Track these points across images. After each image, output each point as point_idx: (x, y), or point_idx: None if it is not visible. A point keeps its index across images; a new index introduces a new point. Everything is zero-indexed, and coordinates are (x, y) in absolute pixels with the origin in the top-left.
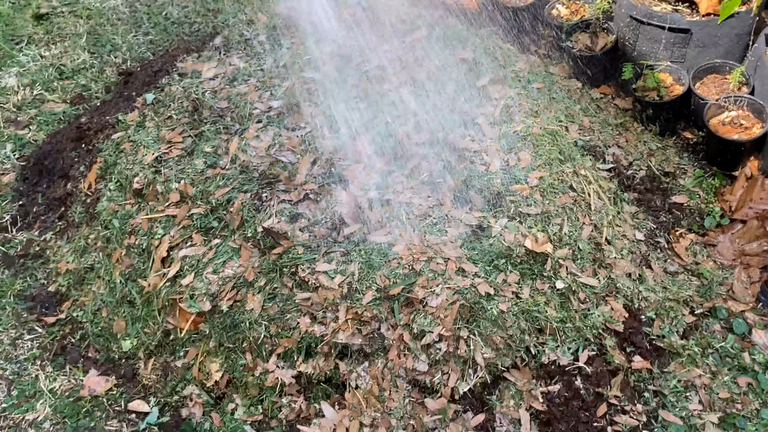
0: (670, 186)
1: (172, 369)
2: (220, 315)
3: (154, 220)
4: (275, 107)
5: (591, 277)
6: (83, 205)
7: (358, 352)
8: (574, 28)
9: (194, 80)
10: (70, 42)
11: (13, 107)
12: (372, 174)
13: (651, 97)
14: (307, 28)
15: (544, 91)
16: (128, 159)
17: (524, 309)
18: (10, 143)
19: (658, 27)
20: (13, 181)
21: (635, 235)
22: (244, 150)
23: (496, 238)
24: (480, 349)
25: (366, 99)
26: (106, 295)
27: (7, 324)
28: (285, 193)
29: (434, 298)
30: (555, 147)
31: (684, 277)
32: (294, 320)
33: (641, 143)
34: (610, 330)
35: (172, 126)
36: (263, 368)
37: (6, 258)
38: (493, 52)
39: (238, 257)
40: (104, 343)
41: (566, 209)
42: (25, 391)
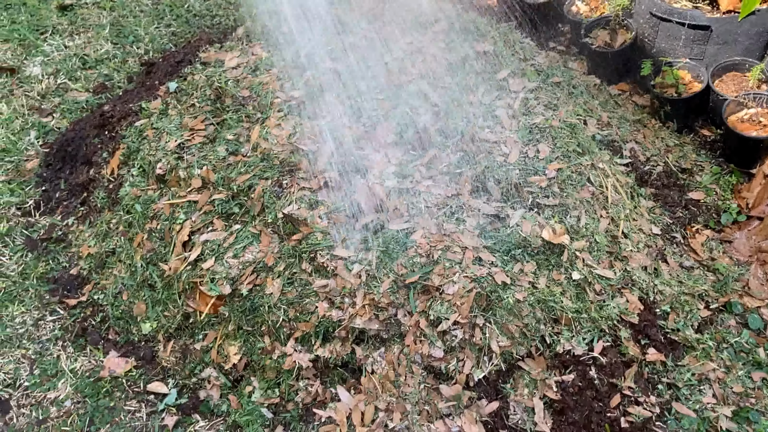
0: (687, 182)
1: (191, 351)
2: (240, 299)
3: (176, 205)
4: (296, 97)
5: (607, 269)
6: (105, 190)
7: (374, 338)
8: (593, 25)
9: (217, 69)
10: (94, 33)
11: (38, 95)
12: (391, 163)
13: (669, 93)
14: (329, 20)
15: (563, 86)
16: (151, 145)
17: (540, 299)
18: (34, 130)
19: (677, 24)
20: (37, 167)
21: (651, 230)
22: (265, 138)
23: (514, 228)
24: (495, 337)
25: (386, 90)
26: (127, 279)
27: (30, 305)
28: (305, 181)
29: (451, 286)
30: (573, 140)
31: (699, 272)
32: (312, 305)
33: (659, 139)
34: (625, 322)
35: (195, 114)
36: (281, 351)
37: (29, 242)
38: (512, 46)
39: (258, 242)
40: (124, 325)
41: (584, 202)
42: (47, 371)
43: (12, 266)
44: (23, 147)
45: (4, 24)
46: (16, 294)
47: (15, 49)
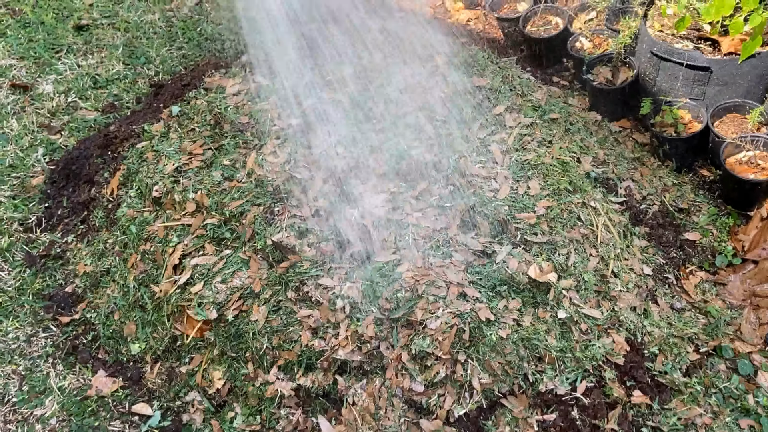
0: (683, 222)
1: (177, 374)
2: (226, 324)
3: (170, 227)
4: (293, 125)
5: (594, 308)
6: (104, 210)
7: (356, 369)
8: (595, 61)
9: (218, 95)
10: (107, 53)
11: (48, 113)
12: (381, 194)
13: (669, 132)
14: (330, 51)
15: (560, 122)
16: (150, 168)
17: (524, 336)
18: (42, 147)
19: (678, 64)
20: (42, 184)
21: (643, 270)
22: (260, 165)
23: (500, 264)
24: (477, 373)
25: (382, 121)
26: (120, 299)
27: (24, 321)
28: (296, 208)
29: (433, 321)
30: (565, 177)
31: (691, 314)
32: (296, 333)
33: (657, 178)
34: (611, 362)
35: (194, 138)
36: (264, 379)
37: (29, 257)
38: (511, 81)
39: (247, 268)
40: (114, 345)
41: (573, 240)
42: (35, 387)
43: (10, 281)
44: (30, 163)
45: (22, 42)
46: (11, 309)
47: (30, 67)
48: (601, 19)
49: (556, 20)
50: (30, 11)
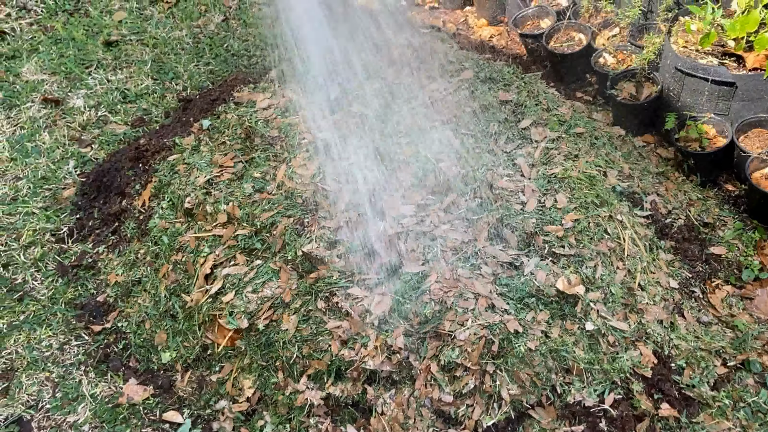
0: (708, 237)
1: (207, 383)
2: (256, 333)
3: (202, 238)
4: (322, 138)
5: (621, 321)
6: (136, 221)
7: (385, 379)
8: (619, 77)
9: (249, 109)
10: (136, 68)
11: (79, 126)
12: (409, 206)
13: (693, 147)
14: (358, 66)
15: (586, 136)
16: (181, 180)
17: (552, 348)
18: (73, 160)
19: (702, 79)
20: (73, 196)
21: (669, 283)
22: (290, 177)
23: (528, 276)
24: (506, 384)
25: (409, 134)
26: (151, 308)
27: (57, 329)
28: (325, 220)
29: (462, 332)
30: (592, 191)
31: (718, 328)
32: (325, 343)
33: (681, 193)
34: (638, 375)
35: (225, 151)
36: (293, 388)
37: (61, 267)
38: (537, 96)
39: (277, 278)
40: (145, 353)
41: (600, 253)
42: (68, 394)
43: (43, 291)
44: (62, 176)
45: (53, 57)
46: (44, 318)
47: (61, 82)
48: (624, 35)
49: (579, 36)
50: (61, 28)
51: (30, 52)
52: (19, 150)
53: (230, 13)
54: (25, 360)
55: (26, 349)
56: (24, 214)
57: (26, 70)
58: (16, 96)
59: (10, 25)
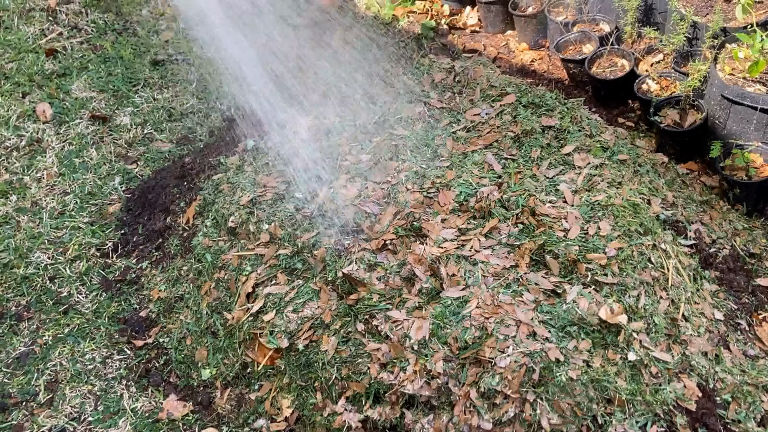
0: (755, 267)
1: (246, 401)
2: (296, 353)
3: (244, 257)
4: (364, 160)
5: (665, 351)
6: (180, 238)
7: (424, 404)
8: (663, 103)
9: (293, 131)
10: (181, 87)
11: (125, 143)
12: (450, 230)
13: (739, 176)
14: (401, 89)
15: (629, 163)
16: (225, 199)
17: (594, 378)
18: (119, 176)
19: (750, 107)
20: (118, 212)
21: (714, 314)
22: (332, 199)
23: (571, 304)
24: (546, 413)
25: (450, 158)
26: (192, 325)
27: (100, 343)
28: (366, 242)
29: (503, 359)
30: (636, 219)
31: (765, 362)
32: (365, 365)
33: (726, 222)
34: (682, 408)
35: (268, 172)
36: (332, 409)
37: (105, 282)
38: (580, 122)
39: (317, 299)
40: (185, 369)
41: (643, 282)
42: (110, 408)
43: (87, 304)
44: (108, 191)
45: (102, 76)
46: (88, 331)
47: (109, 99)
48: (668, 62)
49: (622, 62)
50: (110, 47)
51: (80, 70)
52: (68, 165)
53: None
54: (69, 372)
55: (70, 361)
56: (70, 229)
57: (76, 88)
58: (66, 113)
59: (62, 44)
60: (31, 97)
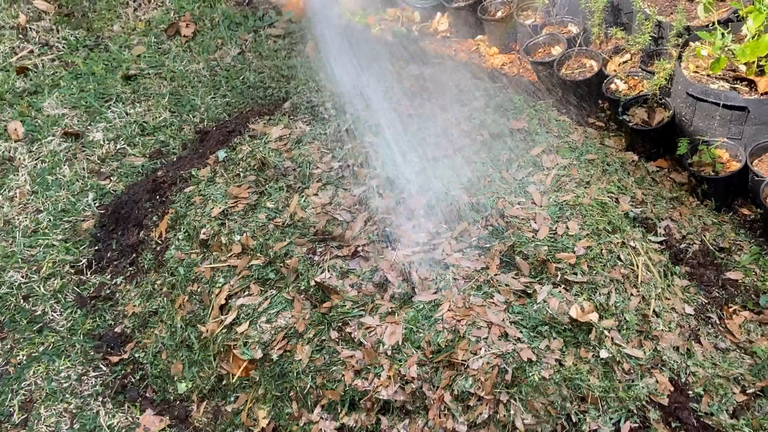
0: (724, 262)
1: (223, 413)
2: (271, 363)
3: (217, 269)
4: (335, 168)
5: (636, 348)
6: (153, 252)
7: (399, 409)
8: (631, 102)
9: (262, 140)
10: (154, 101)
11: (98, 159)
12: (421, 235)
13: (707, 172)
14: (371, 97)
15: (597, 163)
16: (197, 211)
17: (566, 376)
18: (92, 192)
19: (714, 104)
20: (92, 228)
21: (685, 309)
22: (303, 207)
23: (541, 304)
24: (520, 414)
25: (421, 163)
26: (167, 339)
27: (76, 360)
28: (338, 249)
29: (475, 361)
30: (604, 218)
31: (736, 354)
32: (339, 373)
33: (696, 217)
34: (655, 403)
35: (239, 182)
36: (308, 418)
37: (80, 299)
38: (548, 123)
39: (291, 308)
40: (162, 384)
41: (613, 280)
42: (86, 425)
43: (62, 322)
44: (81, 208)
45: (74, 92)
46: (63, 349)
47: (81, 116)
48: (635, 61)
49: (590, 63)
50: (81, 63)
51: (51, 87)
52: (40, 183)
53: (246, 46)
54: (44, 391)
55: (45, 380)
56: (44, 246)
57: (47, 105)
58: (38, 130)
59: (33, 62)
60: (2, 115)
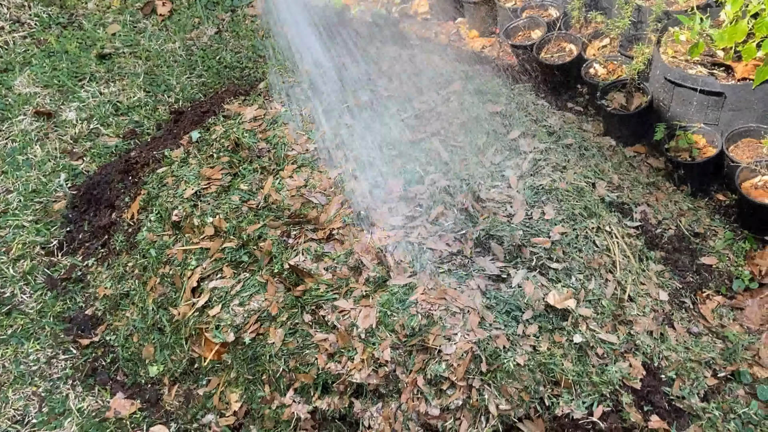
0: (699, 247)
1: (194, 396)
2: (243, 347)
3: (189, 251)
4: (311, 150)
5: (610, 333)
6: (125, 234)
7: (372, 392)
8: (609, 87)
9: (236, 121)
10: (128, 81)
11: (71, 139)
12: (397, 218)
13: (683, 157)
14: (348, 78)
15: (575, 147)
16: (169, 192)
17: (541, 361)
18: (65, 173)
19: (692, 89)
20: (64, 209)
21: (659, 294)
22: (278, 189)
23: (516, 289)
24: (493, 398)
25: (398, 146)
26: (138, 322)
27: (45, 343)
28: (313, 232)
29: (449, 346)
30: (580, 202)
31: (708, 339)
32: (312, 356)
33: (672, 203)
34: (628, 387)
35: (213, 164)
36: (280, 402)
37: (50, 281)
38: (526, 107)
39: (264, 291)
40: (133, 367)
41: (589, 265)
42: (55, 409)
43: (31, 304)
44: (53, 188)
45: (46, 71)
46: (32, 331)
47: (54, 95)
48: (614, 46)
49: (569, 47)
50: (54, 41)
51: (23, 65)
52: (11, 163)
53: (223, 25)
54: (12, 374)
55: (13, 363)
56: (14, 227)
57: (18, 83)
58: (8, 109)
59: (3, 39)
60: None
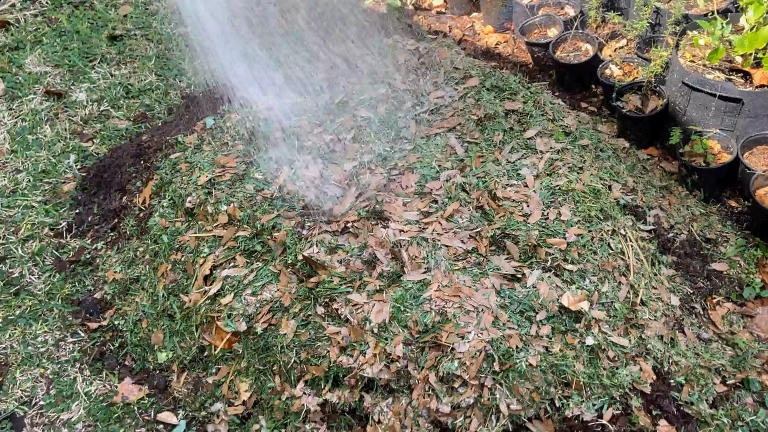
0: (710, 252)
1: (203, 384)
2: (254, 336)
3: (202, 238)
4: (326, 141)
5: (622, 336)
6: (136, 218)
7: (383, 387)
8: (625, 89)
9: (253, 110)
10: (140, 63)
11: (81, 120)
12: (412, 213)
13: (698, 162)
14: (365, 71)
15: (590, 148)
16: (183, 179)
17: (552, 362)
18: (74, 154)
19: (709, 95)
20: (73, 190)
21: (670, 299)
22: (292, 180)
23: (530, 289)
24: (504, 398)
25: (414, 141)
26: (148, 307)
27: (53, 325)
28: (327, 224)
29: (462, 344)
30: (596, 204)
31: (718, 345)
32: (324, 349)
33: (684, 207)
34: (637, 391)
35: (227, 151)
36: (290, 393)
37: (59, 263)
38: (542, 106)
39: (276, 282)
40: (141, 353)
41: (603, 267)
42: (62, 392)
43: (40, 285)
44: (62, 170)
45: (57, 50)
46: (41, 313)
47: (64, 75)
48: (631, 47)
49: (586, 47)
50: (66, 20)
51: (34, 43)
52: (20, 142)
53: None
54: (20, 355)
55: (21, 344)
56: (23, 207)
57: (29, 62)
58: (19, 87)
59: (15, 16)
60: None
